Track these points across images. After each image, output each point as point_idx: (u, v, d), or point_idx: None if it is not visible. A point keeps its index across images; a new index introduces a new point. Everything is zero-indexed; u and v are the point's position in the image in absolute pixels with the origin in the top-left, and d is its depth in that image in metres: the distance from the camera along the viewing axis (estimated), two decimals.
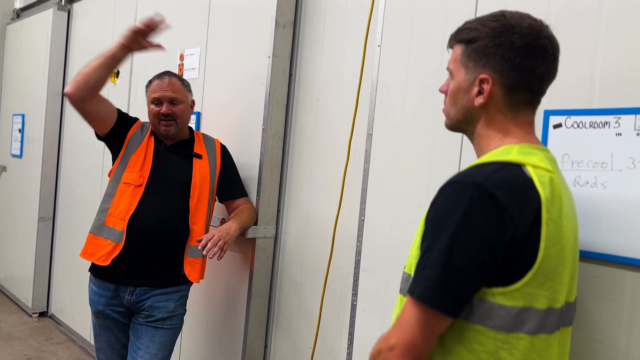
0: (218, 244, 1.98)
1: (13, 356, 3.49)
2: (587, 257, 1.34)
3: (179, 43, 2.85)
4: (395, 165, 1.89)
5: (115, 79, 3.46)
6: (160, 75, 2.18)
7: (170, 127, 2.13)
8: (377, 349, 1.03)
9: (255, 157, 2.34)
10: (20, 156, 4.51)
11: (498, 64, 1.05)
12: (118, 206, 2.06)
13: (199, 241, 2.01)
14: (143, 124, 2.23)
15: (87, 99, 1.98)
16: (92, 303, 2.14)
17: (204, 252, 1.97)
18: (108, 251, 2.03)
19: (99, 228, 2.07)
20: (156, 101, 2.13)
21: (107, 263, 2.02)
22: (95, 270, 2.11)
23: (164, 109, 2.11)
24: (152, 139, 2.18)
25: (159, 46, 2.00)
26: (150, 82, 2.20)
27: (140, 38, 1.93)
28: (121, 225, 2.03)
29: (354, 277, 2.01)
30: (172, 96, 2.13)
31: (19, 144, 4.55)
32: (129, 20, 3.31)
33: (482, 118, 1.10)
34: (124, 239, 2.02)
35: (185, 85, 2.21)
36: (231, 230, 2.07)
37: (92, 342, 3.56)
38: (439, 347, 1.02)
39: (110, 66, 1.96)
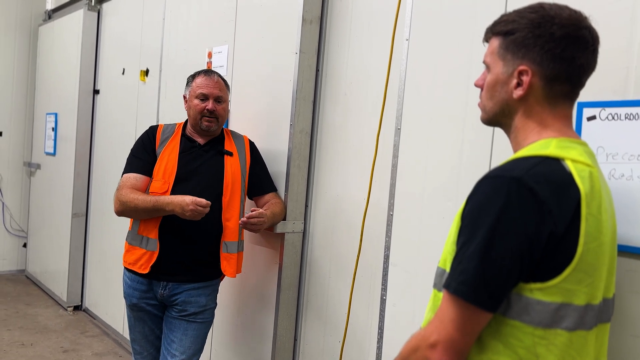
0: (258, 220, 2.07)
1: (50, 348, 3.60)
2: (622, 251, 1.32)
3: (207, 41, 2.89)
4: (424, 159, 1.88)
5: (145, 77, 3.52)
6: (207, 72, 2.22)
7: (212, 124, 2.17)
8: (414, 346, 1.02)
9: (282, 153, 2.36)
10: (54, 154, 4.64)
11: (537, 55, 1.04)
12: None
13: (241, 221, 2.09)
14: (163, 130, 2.24)
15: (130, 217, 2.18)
16: (127, 296, 2.20)
17: (244, 219, 2.06)
18: (146, 259, 2.10)
19: (134, 237, 2.15)
20: (202, 96, 2.17)
21: (147, 271, 2.10)
22: (129, 264, 2.17)
23: (210, 105, 2.15)
24: (179, 140, 2.20)
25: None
26: (193, 77, 2.23)
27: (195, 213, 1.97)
28: (154, 234, 2.09)
29: (383, 271, 2.01)
30: (219, 94, 2.19)
31: (52, 142, 4.66)
32: (158, 19, 3.36)
33: (520, 111, 1.09)
34: (158, 246, 2.09)
35: (227, 86, 2.27)
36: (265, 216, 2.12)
37: (125, 335, 3.67)
38: (476, 342, 1.02)
39: (158, 214, 2.06)
